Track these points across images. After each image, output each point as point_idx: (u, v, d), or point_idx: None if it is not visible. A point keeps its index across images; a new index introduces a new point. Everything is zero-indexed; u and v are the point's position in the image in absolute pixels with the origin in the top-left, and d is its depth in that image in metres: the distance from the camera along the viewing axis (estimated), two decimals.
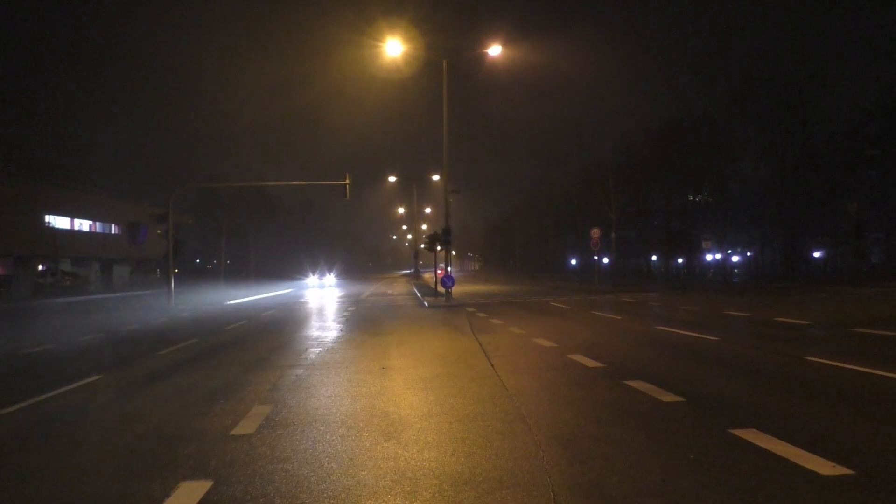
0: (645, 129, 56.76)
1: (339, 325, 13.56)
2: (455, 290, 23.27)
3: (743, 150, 39.97)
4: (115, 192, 48.46)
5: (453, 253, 26.43)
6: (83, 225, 42.81)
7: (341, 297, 25.54)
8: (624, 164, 41.28)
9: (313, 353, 9.38)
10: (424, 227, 63.14)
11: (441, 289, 22.25)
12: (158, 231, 27.20)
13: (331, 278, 49.85)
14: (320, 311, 18.44)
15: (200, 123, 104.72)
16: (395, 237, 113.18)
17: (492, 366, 7.59)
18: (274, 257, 65.03)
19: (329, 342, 10.65)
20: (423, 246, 29.31)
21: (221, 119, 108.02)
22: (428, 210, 58.35)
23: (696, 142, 40.19)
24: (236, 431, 4.90)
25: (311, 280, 46.82)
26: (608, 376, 6.69)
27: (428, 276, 64.21)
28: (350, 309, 18.71)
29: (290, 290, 34.92)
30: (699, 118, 40.87)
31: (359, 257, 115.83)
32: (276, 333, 12.53)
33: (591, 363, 7.55)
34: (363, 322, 14.56)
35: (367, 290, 33.90)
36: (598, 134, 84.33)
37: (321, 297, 25.62)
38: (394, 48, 19.11)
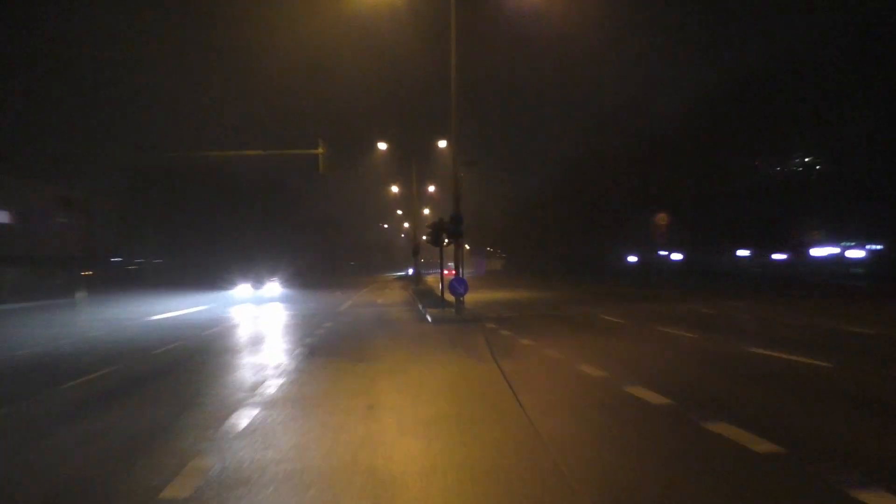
0: (726, 81, 56.39)
1: (307, 349, 13.60)
2: (469, 297, 23.28)
3: (865, 105, 39.56)
4: (15, 169, 48.81)
5: (466, 248, 26.03)
6: None
7: (299, 314, 24.27)
8: (699, 129, 41.13)
9: (273, 385, 9.41)
10: (427, 212, 63.35)
11: (450, 297, 22.28)
12: (63, 220, 27.45)
13: (274, 286, 45.22)
14: (283, 330, 18.51)
15: (146, 93, 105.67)
16: (386, 226, 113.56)
17: (519, 403, 7.63)
18: (223, 254, 65.64)
19: (294, 371, 10.68)
20: (424, 238, 29.26)
21: (171, 87, 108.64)
22: (431, 189, 58.50)
23: (799, 93, 39.87)
24: (166, 494, 4.91)
25: (243, 289, 42.84)
26: (680, 417, 6.69)
27: (432, 278, 64.07)
28: (324, 326, 18.77)
29: (201, 306, 29.65)
30: (807, 59, 40.49)
31: (339, 253, 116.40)
32: (222, 359, 12.60)
33: (656, 398, 7.57)
34: (342, 344, 14.62)
35: (348, 299, 33.99)
36: (663, 92, 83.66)
37: (258, 317, 23.04)
38: None
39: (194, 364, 12.03)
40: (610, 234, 60.45)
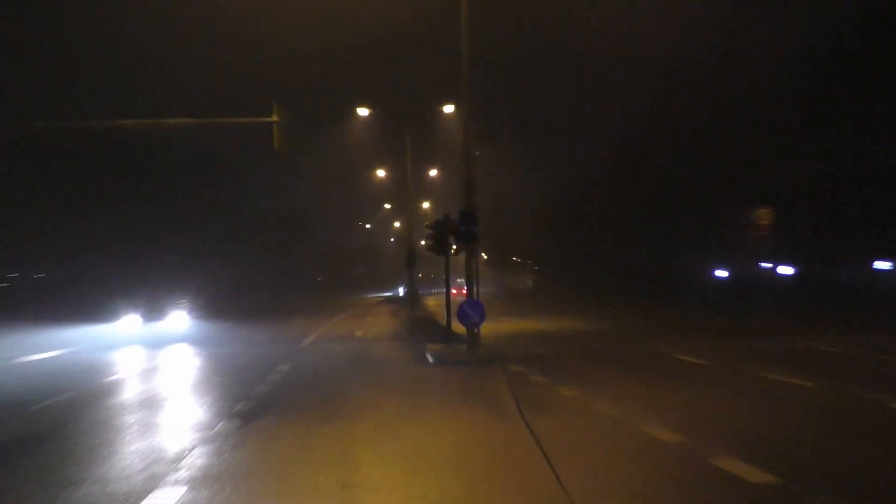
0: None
1: (255, 402, 13.52)
2: (486, 328, 23.23)
3: None
4: None
5: (483, 257, 25.91)
6: None
7: (238, 355, 23.42)
8: (817, 88, 40.72)
9: (203, 455, 9.39)
10: (426, 206, 63.21)
11: (458, 327, 22.18)
12: None
13: (180, 317, 41.23)
14: (218, 375, 18.48)
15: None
16: (368, 226, 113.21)
17: (560, 483, 7.62)
18: (126, 267, 65.52)
19: (236, 434, 10.64)
20: (423, 244, 29.17)
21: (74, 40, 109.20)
22: (433, 174, 58.36)
23: None
24: None
25: (127, 322, 38.86)
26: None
27: (433, 301, 63.79)
28: (278, 369, 18.69)
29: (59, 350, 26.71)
30: None
31: (302, 264, 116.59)
32: (128, 412, 12.54)
33: (756, 476, 7.54)
34: (305, 394, 14.59)
35: (313, 331, 33.98)
36: (760, 41, 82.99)
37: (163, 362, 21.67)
38: None
39: (88, 421, 12.01)
40: (687, 239, 60.33)
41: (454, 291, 25.54)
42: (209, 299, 55.80)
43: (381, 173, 61.59)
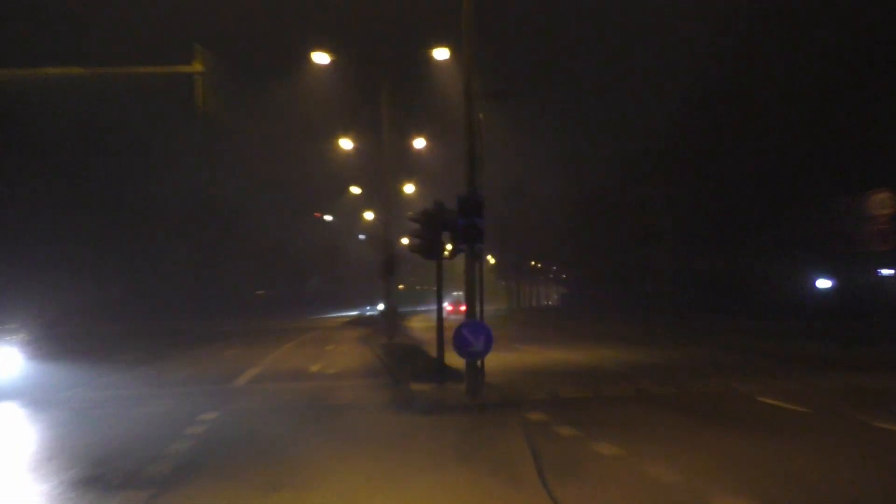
0: None
1: (168, 462, 13.56)
2: (493, 359, 23.24)
3: None
4: None
5: (490, 261, 26.03)
6: None
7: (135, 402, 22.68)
8: None
9: None
10: (411, 189, 63.04)
11: (455, 359, 22.22)
12: None
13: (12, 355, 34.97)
14: (119, 432, 18.45)
15: None
16: (329, 218, 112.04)
17: None
18: None
19: None
20: (407, 243, 29.12)
21: None
22: (419, 145, 57.84)
23: None
24: None
25: None
26: None
27: (419, 321, 63.21)
28: (201, 420, 18.69)
29: None
30: None
31: (235, 272, 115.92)
32: None
33: None
34: (240, 451, 14.69)
35: (252, 365, 33.96)
36: None
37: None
38: None
39: None
40: (775, 238, 59.99)
41: (449, 308, 25.66)
42: (69, 326, 54.78)
43: (346, 145, 59.92)
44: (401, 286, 57.35)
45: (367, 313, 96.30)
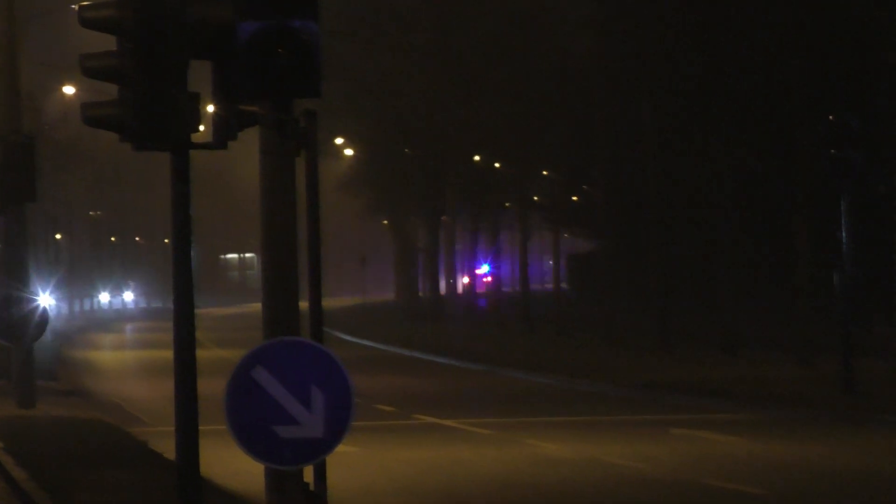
0: None
1: None
2: (360, 457, 16.93)
3: None
4: None
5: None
6: None
7: None
8: None
9: None
10: None
11: (230, 458, 13.16)
12: None
13: None
14: None
15: None
16: None
17: None
18: None
19: None
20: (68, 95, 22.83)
21: None
22: None
23: None
24: None
25: None
26: None
27: (151, 333, 52.06)
28: None
29: None
30: None
31: None
32: None
33: None
34: None
35: None
36: None
37: None
38: None
39: None
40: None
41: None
42: None
43: None
44: (58, 237, 43.41)
45: None
